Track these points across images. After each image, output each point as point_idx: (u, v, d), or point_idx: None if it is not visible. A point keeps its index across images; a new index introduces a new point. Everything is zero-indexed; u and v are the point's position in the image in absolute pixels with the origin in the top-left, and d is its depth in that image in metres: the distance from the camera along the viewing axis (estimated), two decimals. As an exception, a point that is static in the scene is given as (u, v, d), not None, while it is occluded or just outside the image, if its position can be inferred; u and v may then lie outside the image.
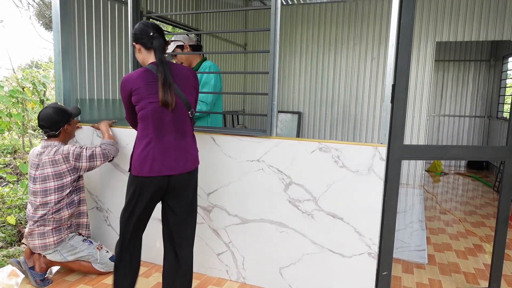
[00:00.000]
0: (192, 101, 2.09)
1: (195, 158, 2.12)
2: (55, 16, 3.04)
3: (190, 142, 2.09)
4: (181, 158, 2.02)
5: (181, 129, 2.03)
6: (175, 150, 2.00)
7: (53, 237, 2.57)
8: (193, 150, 2.12)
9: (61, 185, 2.55)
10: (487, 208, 4.80)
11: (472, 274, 2.96)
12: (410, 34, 2.10)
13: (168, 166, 1.98)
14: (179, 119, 2.01)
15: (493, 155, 2.45)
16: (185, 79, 2.04)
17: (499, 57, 7.20)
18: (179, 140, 2.02)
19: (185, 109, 2.03)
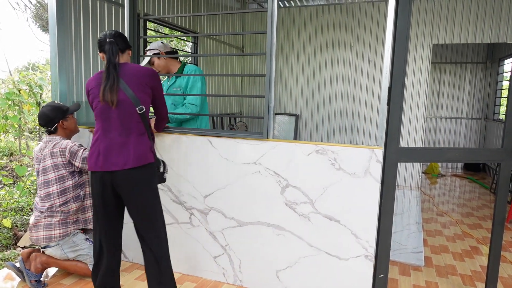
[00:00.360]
0: (143, 98, 2.11)
1: (142, 155, 2.07)
2: (52, 18, 3.03)
3: (136, 139, 2.09)
4: (125, 154, 2.05)
5: (127, 125, 2.08)
6: (118, 146, 2.06)
7: (59, 229, 2.60)
8: (141, 147, 2.08)
9: (61, 175, 2.59)
10: (484, 210, 4.81)
11: (469, 276, 2.96)
12: (406, 36, 2.11)
13: (110, 162, 2.04)
14: (125, 116, 2.07)
15: (489, 157, 2.46)
16: (135, 77, 2.10)
17: (495, 59, 7.24)
18: (123, 136, 2.07)
19: (132, 106, 2.07)
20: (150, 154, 2.14)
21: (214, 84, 5.79)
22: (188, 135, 2.70)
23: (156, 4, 4.35)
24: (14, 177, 5.63)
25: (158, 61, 3.18)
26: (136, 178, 2.08)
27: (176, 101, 3.25)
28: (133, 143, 2.07)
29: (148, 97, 2.17)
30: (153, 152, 2.18)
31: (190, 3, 5.05)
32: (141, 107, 2.09)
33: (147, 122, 2.15)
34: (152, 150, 2.17)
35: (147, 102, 2.16)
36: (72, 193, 2.62)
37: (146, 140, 2.14)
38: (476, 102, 7.58)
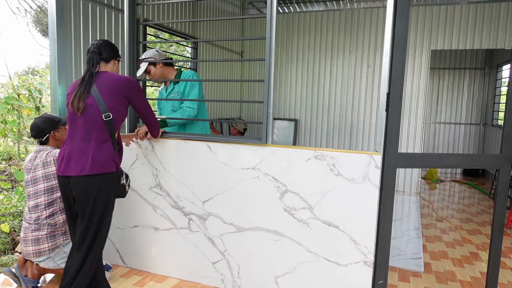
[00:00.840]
0: (113, 106, 2.11)
1: (100, 163, 2.05)
2: (52, 23, 3.04)
3: (96, 146, 2.06)
4: (83, 160, 2.03)
5: (89, 132, 2.07)
6: (78, 152, 2.06)
7: (48, 242, 2.56)
8: (100, 155, 2.05)
9: (50, 186, 2.56)
10: (483, 216, 4.80)
11: (468, 282, 2.95)
12: (404, 43, 2.12)
13: (69, 167, 2.05)
14: (89, 122, 2.08)
15: (488, 163, 2.46)
16: (109, 85, 2.13)
17: (494, 65, 7.27)
18: (85, 142, 2.07)
19: (98, 113, 2.08)
20: (111, 163, 2.10)
21: (213, 89, 5.80)
22: (187, 140, 2.70)
23: (156, 9, 4.37)
24: (12, 182, 5.61)
25: (154, 69, 3.18)
26: (90, 186, 2.03)
27: (175, 107, 3.25)
28: (93, 149, 2.05)
29: (121, 105, 2.16)
30: (116, 162, 2.14)
31: (189, 9, 5.07)
32: (107, 114, 2.08)
33: (113, 131, 2.11)
34: (115, 160, 2.13)
35: (119, 111, 2.15)
36: (59, 204, 2.58)
37: (108, 149, 2.10)
38: (474, 108, 7.60)
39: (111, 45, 2.31)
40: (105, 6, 3.57)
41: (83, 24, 3.37)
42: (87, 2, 3.38)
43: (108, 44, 2.30)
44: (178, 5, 4.79)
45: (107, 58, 2.26)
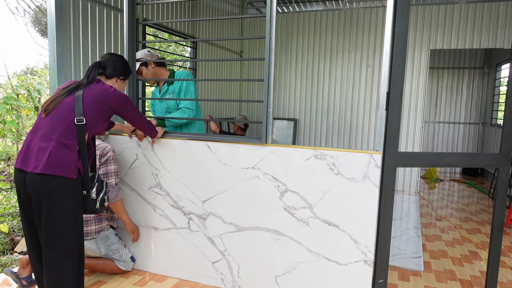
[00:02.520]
0: (91, 113, 2.01)
1: (56, 165, 1.89)
2: (51, 23, 3.03)
3: (57, 146, 1.91)
4: (39, 158, 1.90)
5: (54, 129, 1.94)
6: (37, 149, 1.92)
7: (95, 225, 2.64)
8: (57, 156, 1.90)
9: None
10: (483, 215, 4.81)
11: (468, 281, 2.95)
12: (404, 42, 2.12)
13: (25, 162, 1.93)
14: (56, 121, 1.96)
15: (487, 162, 2.46)
16: (96, 92, 2.08)
17: (493, 64, 7.28)
18: (45, 141, 1.93)
19: (72, 113, 1.97)
20: (71, 168, 1.93)
21: (213, 89, 5.80)
22: (187, 140, 2.70)
23: (155, 9, 4.37)
24: (11, 182, 5.61)
25: (146, 70, 3.16)
26: (41, 186, 1.89)
27: (170, 108, 3.24)
28: (52, 148, 1.91)
29: (100, 115, 2.08)
30: (78, 169, 1.97)
31: (189, 9, 5.07)
32: (81, 118, 1.97)
33: (82, 136, 1.98)
34: (77, 166, 1.97)
35: (96, 119, 2.06)
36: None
37: (69, 152, 1.94)
38: (474, 107, 7.61)
39: (120, 62, 2.27)
40: (104, 6, 3.57)
41: (82, 24, 3.36)
42: (86, 2, 3.38)
43: (117, 60, 2.27)
44: (178, 4, 4.79)
45: (109, 74, 2.23)
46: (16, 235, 4.15)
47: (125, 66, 2.32)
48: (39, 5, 8.48)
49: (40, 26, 9.94)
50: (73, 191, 1.97)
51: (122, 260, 2.81)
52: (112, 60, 2.26)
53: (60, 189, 1.91)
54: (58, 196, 1.91)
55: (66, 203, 1.94)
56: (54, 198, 1.90)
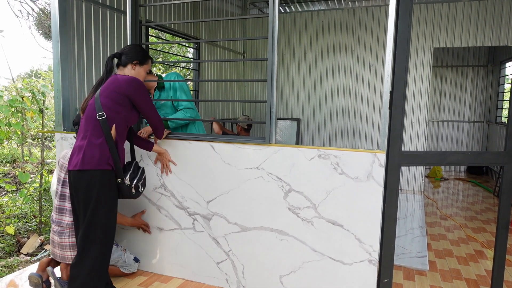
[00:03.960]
0: (109, 105, 2.15)
1: (90, 160, 2.09)
2: (54, 26, 3.05)
3: (89, 143, 2.12)
4: (79, 156, 2.12)
5: (86, 130, 2.17)
6: (77, 148, 2.17)
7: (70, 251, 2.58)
8: (91, 152, 2.11)
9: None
10: (488, 214, 4.79)
11: (474, 280, 2.94)
12: (407, 40, 2.11)
13: (70, 161, 2.17)
14: (87, 121, 2.18)
15: (492, 161, 2.45)
16: (111, 85, 2.20)
17: (497, 62, 7.24)
18: (82, 139, 2.16)
19: (93, 111, 2.16)
20: (104, 161, 2.11)
21: (216, 90, 5.81)
22: (190, 141, 2.70)
23: (158, 10, 4.38)
24: (17, 184, 5.64)
25: None
26: (82, 181, 2.11)
27: (166, 113, 3.24)
28: (86, 146, 2.12)
29: (117, 105, 2.17)
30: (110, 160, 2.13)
31: (191, 10, 5.08)
32: (101, 113, 2.13)
33: (107, 129, 2.13)
34: (108, 158, 2.13)
35: (115, 110, 2.16)
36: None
37: (101, 146, 2.12)
38: (478, 105, 7.57)
39: (133, 48, 2.34)
40: (107, 8, 3.59)
41: (86, 26, 3.38)
42: (90, 4, 3.39)
43: (130, 47, 2.35)
44: (180, 6, 4.80)
45: (123, 62, 2.30)
46: (22, 237, 4.18)
47: (137, 52, 2.34)
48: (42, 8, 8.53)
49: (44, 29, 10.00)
50: (108, 181, 2.16)
51: (125, 264, 2.82)
52: (129, 48, 2.34)
53: (97, 181, 2.11)
54: (95, 187, 2.11)
55: (103, 192, 2.14)
56: (92, 190, 2.10)
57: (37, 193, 4.67)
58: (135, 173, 2.34)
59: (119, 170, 2.20)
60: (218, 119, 4.72)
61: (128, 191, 2.28)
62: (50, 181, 4.60)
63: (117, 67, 2.34)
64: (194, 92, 5.45)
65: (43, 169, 4.58)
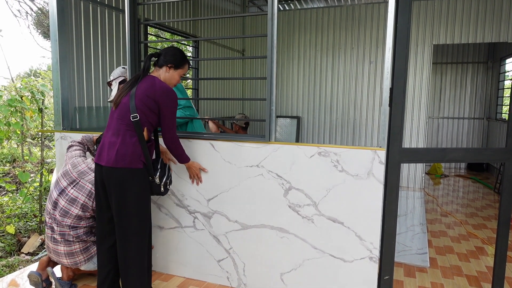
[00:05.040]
0: (141, 108, 2.18)
1: (123, 157, 2.15)
2: (53, 25, 3.05)
3: (123, 141, 2.17)
4: (111, 153, 2.17)
5: (119, 127, 2.20)
6: (108, 145, 2.20)
7: (82, 255, 2.60)
8: (124, 150, 2.16)
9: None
10: (488, 210, 4.78)
11: (475, 277, 2.94)
12: (407, 37, 2.11)
13: (102, 157, 2.22)
14: (120, 120, 2.20)
15: (493, 157, 2.45)
16: (146, 89, 2.21)
17: (497, 58, 7.23)
18: (115, 136, 2.20)
19: (128, 111, 2.18)
20: (136, 160, 2.18)
21: (215, 88, 5.80)
22: (191, 139, 2.70)
23: (156, 9, 4.37)
24: (17, 184, 5.64)
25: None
26: (114, 178, 2.17)
27: None
28: (119, 145, 2.16)
29: (148, 110, 2.20)
30: (143, 161, 2.20)
31: (190, 8, 5.07)
32: (135, 115, 2.16)
33: (140, 130, 2.18)
34: (140, 157, 2.19)
35: (147, 114, 2.20)
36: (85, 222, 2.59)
37: (134, 146, 2.18)
38: (478, 102, 7.56)
39: (171, 51, 2.33)
40: (105, 7, 3.58)
41: (84, 25, 3.37)
42: (88, 3, 3.38)
43: (169, 49, 2.34)
44: (179, 4, 4.79)
45: (160, 63, 2.32)
46: (23, 236, 4.18)
47: (174, 55, 2.33)
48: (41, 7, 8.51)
49: (43, 28, 9.98)
50: (140, 178, 2.23)
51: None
52: (165, 50, 2.34)
53: (131, 179, 2.19)
54: (130, 184, 2.19)
55: (137, 190, 2.22)
56: (125, 186, 2.18)
57: (37, 193, 4.66)
58: (163, 171, 2.39)
59: (150, 168, 2.27)
60: (214, 117, 4.71)
61: (158, 189, 2.36)
62: (50, 181, 4.60)
63: (154, 66, 2.36)
64: (193, 90, 5.44)
65: (43, 169, 4.58)
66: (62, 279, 2.64)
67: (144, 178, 2.26)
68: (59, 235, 2.52)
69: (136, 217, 2.23)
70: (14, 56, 24.79)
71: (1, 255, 3.81)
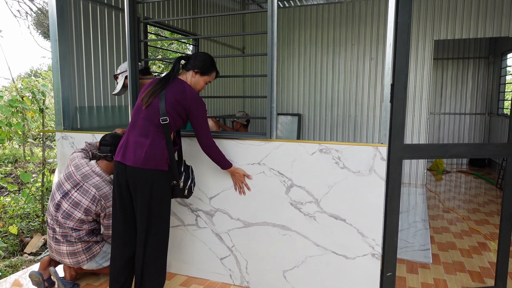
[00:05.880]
0: (170, 112, 2.18)
1: (150, 160, 2.14)
2: (52, 25, 3.04)
3: (151, 143, 2.16)
4: (138, 153, 2.15)
5: (147, 128, 2.18)
6: (134, 145, 2.18)
7: (84, 254, 2.60)
8: (152, 152, 2.15)
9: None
10: (491, 206, 4.78)
11: (478, 272, 2.94)
12: (408, 33, 2.10)
13: (126, 156, 2.18)
14: (149, 120, 2.18)
15: (495, 152, 2.44)
16: (175, 93, 2.21)
17: (498, 53, 7.20)
18: (142, 137, 2.18)
19: (157, 113, 2.17)
20: (163, 162, 2.19)
21: (216, 85, 5.79)
22: (192, 138, 2.70)
23: (156, 7, 4.36)
24: (19, 184, 5.65)
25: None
26: (141, 178, 2.16)
27: None
28: (148, 146, 2.15)
29: (177, 115, 2.21)
30: (168, 163, 2.22)
31: (190, 6, 5.06)
32: (165, 118, 2.16)
33: (168, 133, 2.19)
34: (167, 159, 2.20)
35: (175, 117, 2.21)
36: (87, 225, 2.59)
37: (162, 148, 2.18)
38: (479, 97, 7.54)
39: (200, 56, 2.33)
40: (105, 6, 3.57)
41: (84, 24, 3.37)
42: (87, 2, 3.38)
43: (198, 54, 2.34)
44: (178, 2, 4.77)
45: (188, 67, 2.31)
46: (26, 237, 4.19)
47: (203, 61, 2.32)
48: (41, 7, 8.50)
49: (43, 28, 9.98)
50: (165, 180, 2.24)
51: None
52: (197, 55, 2.34)
53: (158, 180, 2.18)
54: (157, 185, 2.18)
55: (163, 191, 2.23)
56: (154, 188, 2.18)
57: (39, 193, 4.67)
58: (187, 174, 2.38)
59: (175, 171, 2.27)
60: (215, 116, 4.71)
61: (181, 192, 2.35)
62: (52, 181, 4.61)
63: (182, 68, 2.35)
64: (194, 89, 5.42)
65: (45, 169, 4.58)
66: (65, 279, 2.64)
67: (168, 180, 2.26)
68: (61, 236, 2.53)
69: (159, 218, 2.24)
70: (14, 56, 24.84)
71: (4, 256, 3.82)
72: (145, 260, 2.25)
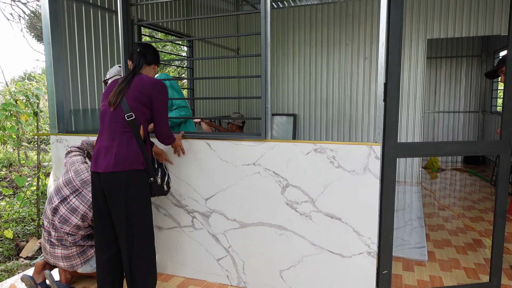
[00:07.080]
0: (135, 106, 2.12)
1: (121, 160, 2.07)
2: (46, 28, 3.03)
3: (119, 144, 2.09)
4: (108, 158, 2.09)
5: (114, 130, 2.11)
6: (104, 150, 2.12)
7: (79, 258, 2.60)
8: (122, 153, 2.08)
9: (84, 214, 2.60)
10: (485, 203, 4.81)
11: (473, 269, 2.96)
12: (400, 32, 2.11)
13: (98, 164, 2.12)
14: (114, 121, 2.12)
15: (488, 150, 2.46)
16: (138, 85, 2.15)
17: (491, 51, 7.26)
18: (109, 140, 2.11)
19: (121, 111, 2.11)
20: (135, 161, 2.11)
21: (210, 86, 5.79)
22: (187, 139, 2.70)
23: (150, 9, 4.36)
24: (14, 188, 5.62)
25: None
26: (114, 182, 2.09)
27: None
28: (116, 147, 2.09)
29: (143, 107, 2.15)
30: (142, 161, 2.14)
31: (183, 8, 5.06)
32: (130, 114, 2.10)
33: (136, 130, 2.12)
34: (140, 160, 2.13)
35: (141, 111, 2.15)
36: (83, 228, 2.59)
37: (131, 147, 2.11)
38: (473, 95, 7.60)
39: (154, 49, 2.34)
40: (98, 8, 3.56)
41: (77, 27, 3.36)
42: (81, 5, 3.37)
43: (152, 48, 2.34)
44: (172, 4, 4.77)
45: (149, 61, 2.29)
46: (21, 241, 4.17)
47: (157, 53, 2.36)
48: (34, 10, 8.45)
49: (36, 31, 9.93)
50: (141, 180, 2.17)
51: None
52: (149, 48, 2.31)
53: (132, 181, 2.11)
54: (131, 187, 2.11)
55: (139, 192, 2.15)
56: (129, 190, 2.10)
57: (35, 197, 4.65)
58: (162, 170, 2.36)
59: (151, 169, 2.21)
60: (209, 117, 4.71)
61: (160, 189, 2.33)
62: (47, 184, 4.59)
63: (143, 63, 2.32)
64: (189, 90, 5.43)
65: (40, 172, 4.56)
66: (60, 282, 2.64)
67: (145, 180, 2.20)
68: (56, 240, 2.52)
69: (139, 221, 2.17)
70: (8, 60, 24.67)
71: (0, 260, 3.79)
72: (133, 265, 2.19)
